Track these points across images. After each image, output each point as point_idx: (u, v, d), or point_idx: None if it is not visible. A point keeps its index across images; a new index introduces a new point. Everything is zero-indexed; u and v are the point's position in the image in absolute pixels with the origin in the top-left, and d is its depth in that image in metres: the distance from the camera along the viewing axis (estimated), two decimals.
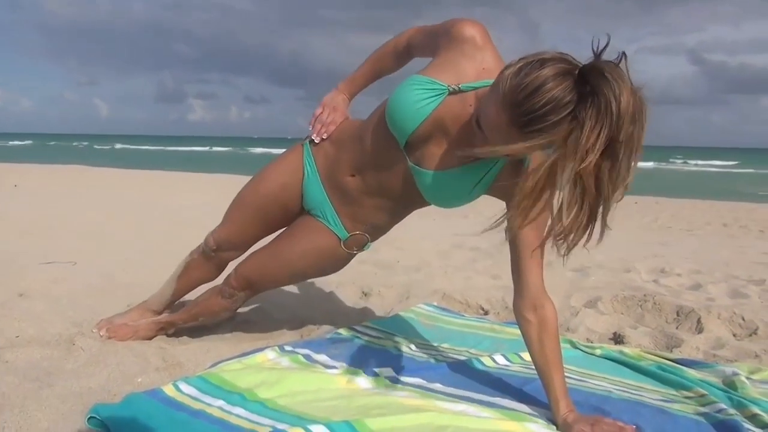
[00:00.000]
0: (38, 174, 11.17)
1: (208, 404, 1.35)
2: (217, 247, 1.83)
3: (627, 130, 1.09)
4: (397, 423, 1.28)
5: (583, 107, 1.10)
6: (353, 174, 1.59)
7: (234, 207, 1.81)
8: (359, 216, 1.64)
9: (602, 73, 1.09)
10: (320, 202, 1.67)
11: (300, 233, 1.71)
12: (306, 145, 1.71)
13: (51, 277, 2.53)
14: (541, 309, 1.44)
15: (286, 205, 1.74)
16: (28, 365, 1.58)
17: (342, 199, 1.64)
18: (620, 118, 1.08)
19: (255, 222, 1.78)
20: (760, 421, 1.43)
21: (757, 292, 2.97)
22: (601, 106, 1.08)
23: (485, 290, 2.78)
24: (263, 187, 1.75)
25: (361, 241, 1.70)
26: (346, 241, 1.68)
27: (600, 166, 1.12)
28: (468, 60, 1.39)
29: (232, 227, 1.81)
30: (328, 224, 1.66)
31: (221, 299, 1.82)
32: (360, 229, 1.67)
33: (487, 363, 1.75)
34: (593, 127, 1.08)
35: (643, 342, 2.17)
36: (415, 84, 1.40)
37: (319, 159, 1.68)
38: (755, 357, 2.00)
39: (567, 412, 1.37)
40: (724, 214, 9.09)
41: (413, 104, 1.39)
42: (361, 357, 1.76)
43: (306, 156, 1.70)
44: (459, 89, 1.38)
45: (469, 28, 1.41)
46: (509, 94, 1.14)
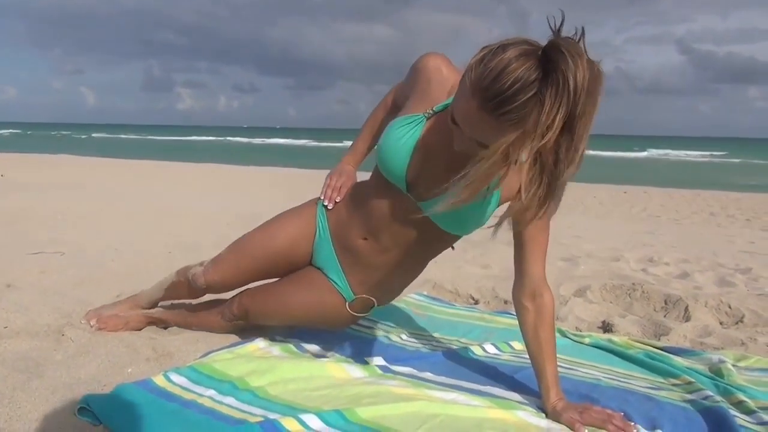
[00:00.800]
0: (25, 164, 11.06)
1: (199, 394, 1.35)
2: (207, 287, 1.78)
3: (583, 105, 1.10)
4: (388, 411, 1.29)
5: (544, 85, 1.10)
6: (365, 237, 1.57)
7: (235, 253, 1.74)
8: (369, 279, 1.61)
9: (559, 49, 1.09)
10: (330, 262, 1.64)
11: (307, 284, 1.67)
12: (320, 204, 1.69)
13: (39, 268, 2.51)
14: (539, 297, 1.45)
15: (292, 261, 1.70)
16: (17, 356, 1.57)
17: (352, 262, 1.61)
18: (577, 94, 1.08)
19: (254, 271, 1.73)
20: (746, 407, 1.45)
21: (743, 281, 3.00)
22: (559, 83, 1.08)
23: (475, 280, 2.79)
24: (273, 242, 1.69)
25: (367, 304, 1.66)
26: (352, 303, 1.64)
27: (559, 142, 1.13)
28: (436, 86, 1.43)
29: (228, 272, 1.74)
30: (335, 284, 1.64)
31: (221, 320, 1.80)
32: (368, 292, 1.63)
33: (478, 352, 1.76)
34: (552, 104, 1.09)
35: (631, 330, 2.19)
36: (395, 126, 1.45)
37: (332, 220, 1.66)
38: (741, 345, 2.03)
39: (557, 400, 1.38)
40: (711, 203, 9.17)
41: (396, 142, 1.43)
42: (352, 346, 1.77)
43: (319, 215, 1.68)
44: (433, 112, 1.42)
45: (432, 59, 1.45)
46: (476, 81, 1.14)
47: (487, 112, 1.14)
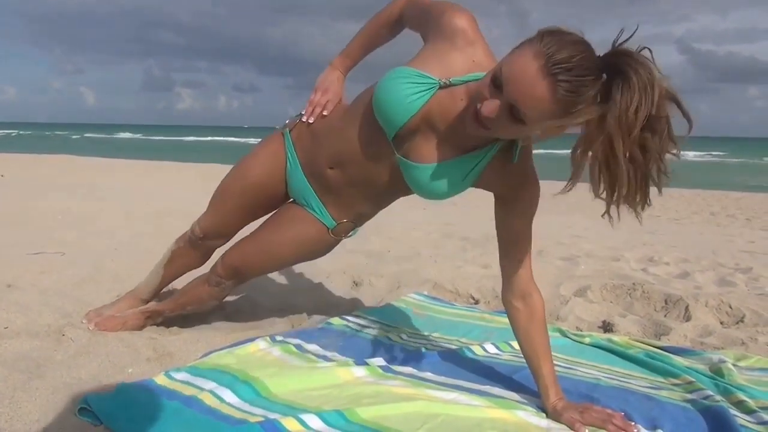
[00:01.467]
0: (25, 164, 11.06)
1: (200, 388, 1.35)
2: (204, 236, 1.82)
3: (665, 107, 1.15)
4: (388, 411, 1.29)
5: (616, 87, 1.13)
6: (332, 167, 1.57)
7: (218, 195, 1.79)
8: (344, 205, 1.63)
9: (635, 57, 1.13)
10: (304, 191, 1.66)
11: (286, 221, 1.70)
12: (286, 134, 1.69)
13: (39, 268, 2.51)
14: (529, 298, 1.45)
15: (270, 193, 1.72)
16: (18, 356, 1.57)
17: (325, 190, 1.62)
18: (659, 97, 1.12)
19: (239, 210, 1.76)
20: (746, 407, 1.45)
21: (744, 280, 3.00)
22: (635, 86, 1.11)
23: (475, 279, 2.79)
24: (247, 175, 1.73)
25: (347, 228, 1.70)
26: (334, 230, 1.67)
27: (643, 137, 1.15)
28: (458, 53, 1.36)
29: (216, 216, 1.79)
30: (315, 213, 1.65)
31: (208, 287, 1.81)
32: (346, 217, 1.66)
33: (478, 352, 1.76)
34: (629, 103, 1.12)
35: (631, 330, 2.19)
36: (404, 77, 1.36)
37: (299, 149, 1.66)
38: (742, 344, 2.03)
39: (556, 399, 1.38)
40: (711, 203, 9.17)
41: (403, 99, 1.36)
42: (352, 346, 1.77)
43: (287, 145, 1.68)
44: (449, 83, 1.35)
45: (460, 19, 1.36)
46: (547, 45, 1.13)
47: (545, 76, 1.12)
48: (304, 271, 2.77)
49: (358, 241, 1.74)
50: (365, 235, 3.71)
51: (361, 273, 2.82)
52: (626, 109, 1.12)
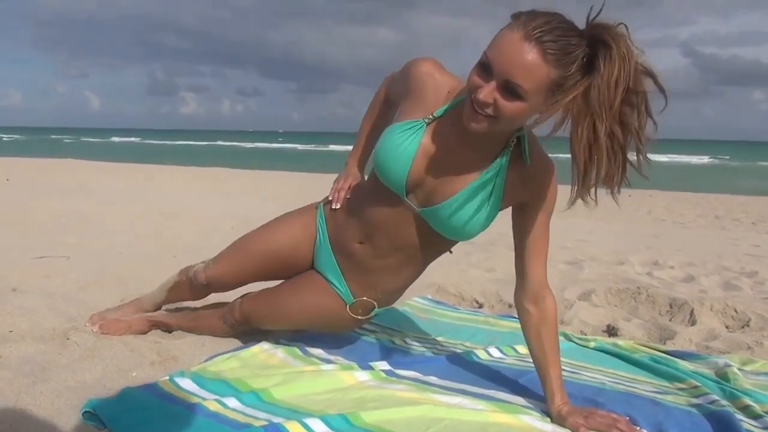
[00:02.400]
0: (30, 168, 11.11)
1: (203, 398, 1.35)
2: (207, 285, 1.78)
3: (641, 81, 1.18)
4: (393, 416, 1.29)
5: (600, 57, 1.16)
6: (361, 242, 1.56)
7: (236, 251, 1.75)
8: (368, 282, 1.60)
9: (614, 29, 1.16)
10: (329, 266, 1.64)
11: (306, 288, 1.67)
12: (320, 207, 1.69)
13: (44, 272, 2.52)
14: (542, 302, 1.45)
15: (293, 263, 1.70)
16: (22, 360, 1.57)
17: (350, 266, 1.60)
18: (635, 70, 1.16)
19: (255, 271, 1.73)
20: (752, 411, 1.44)
21: (749, 284, 2.99)
22: (615, 56, 1.14)
23: (480, 283, 2.79)
24: (274, 240, 1.69)
25: (367, 306, 1.64)
26: (352, 306, 1.63)
27: (622, 112, 1.18)
28: (431, 92, 1.41)
29: (229, 270, 1.75)
30: (335, 288, 1.63)
31: (223, 324, 1.81)
32: (368, 295, 1.62)
33: (482, 356, 1.75)
34: (611, 74, 1.15)
35: (636, 334, 2.18)
36: (393, 132, 1.41)
37: (330, 224, 1.65)
38: (747, 348, 2.02)
39: (561, 404, 1.38)
40: (716, 206, 9.15)
41: (396, 148, 1.39)
42: (356, 350, 1.76)
43: (319, 219, 1.67)
44: (433, 117, 1.39)
45: (423, 65, 1.44)
46: (524, 17, 1.17)
47: (529, 41, 1.14)
48: None
49: None
50: None
51: None
52: (608, 80, 1.15)
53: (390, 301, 1.71)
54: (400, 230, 1.50)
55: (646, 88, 1.19)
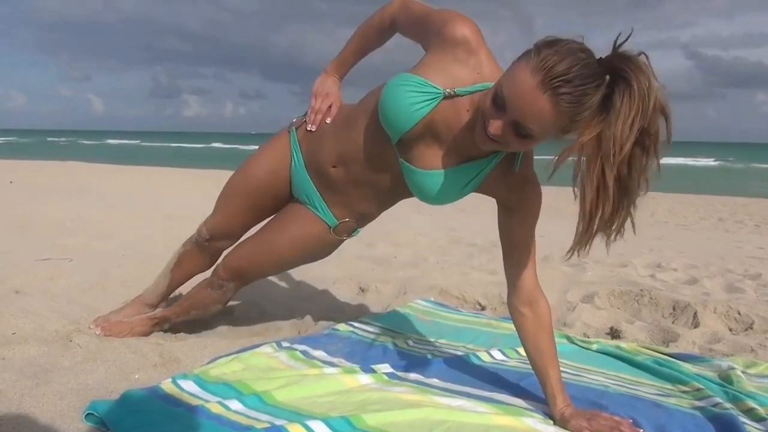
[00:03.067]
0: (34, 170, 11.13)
1: (205, 400, 1.35)
2: (210, 237, 1.82)
3: (656, 122, 1.13)
4: (395, 418, 1.29)
5: (618, 94, 1.12)
6: (335, 165, 1.57)
7: (223, 196, 1.80)
8: (346, 204, 1.63)
9: (636, 63, 1.12)
10: (307, 190, 1.66)
11: (288, 221, 1.70)
12: (292, 132, 1.69)
13: (47, 274, 2.52)
14: (535, 304, 1.45)
15: (275, 192, 1.73)
16: (25, 362, 1.57)
17: (328, 188, 1.62)
18: (653, 109, 1.11)
19: (245, 210, 1.77)
20: (756, 414, 1.43)
21: (752, 287, 2.98)
22: (635, 94, 1.10)
23: (482, 286, 2.79)
24: (251, 174, 1.73)
25: (350, 227, 1.68)
26: (336, 229, 1.66)
27: (633, 155, 1.14)
28: (461, 65, 1.34)
29: (222, 216, 1.80)
30: (317, 212, 1.65)
31: (211, 291, 1.81)
32: (349, 216, 1.65)
33: (484, 358, 1.75)
34: (628, 114, 1.11)
35: (639, 336, 2.17)
36: (409, 85, 1.35)
37: (304, 147, 1.66)
38: (751, 351, 2.01)
39: (564, 406, 1.38)
40: (719, 208, 9.13)
41: (408, 107, 1.35)
42: (358, 353, 1.76)
43: (293, 143, 1.68)
44: (454, 93, 1.34)
45: (462, 28, 1.33)
46: (542, 59, 1.12)
47: (545, 91, 1.12)
48: (310, 277, 2.77)
49: (364, 247, 1.74)
50: (372, 242, 3.71)
51: (367, 279, 2.82)
52: (624, 119, 1.11)
53: (367, 222, 1.73)
54: (379, 166, 1.51)
55: (659, 131, 1.15)
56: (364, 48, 1.67)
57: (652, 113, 1.12)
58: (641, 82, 1.11)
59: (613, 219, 1.19)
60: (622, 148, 1.12)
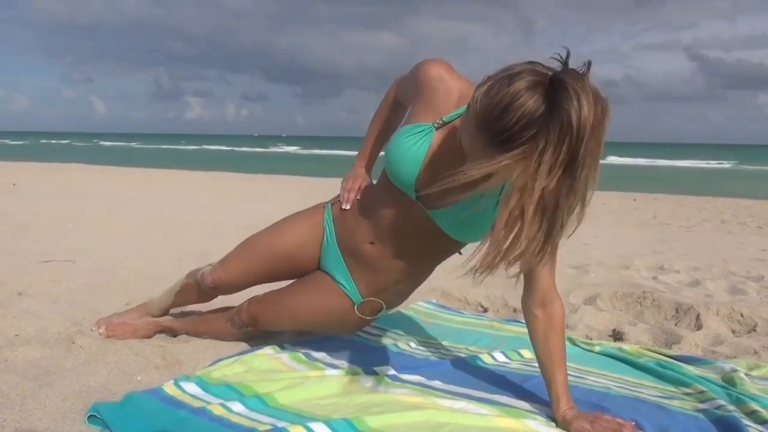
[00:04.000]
0: (37, 172, 11.16)
1: (208, 402, 1.35)
2: (214, 287, 1.79)
3: (585, 146, 1.07)
4: (397, 420, 1.29)
5: (548, 122, 1.07)
6: (373, 242, 1.57)
7: (242, 253, 1.76)
8: (377, 282, 1.61)
9: (564, 86, 1.06)
10: (337, 266, 1.64)
11: (315, 288, 1.68)
12: (328, 208, 1.69)
13: (50, 276, 2.53)
14: (549, 306, 1.44)
15: (300, 263, 1.71)
16: (28, 364, 1.58)
17: (359, 266, 1.60)
18: (580, 135, 1.06)
19: (262, 273, 1.74)
20: (759, 417, 1.43)
21: (755, 289, 2.97)
22: (563, 122, 1.06)
23: (484, 288, 2.78)
24: (281, 242, 1.70)
25: (375, 307, 1.65)
26: (360, 307, 1.63)
27: (560, 185, 1.10)
28: (442, 96, 1.42)
29: (235, 272, 1.76)
30: (342, 288, 1.63)
31: (230, 327, 1.81)
32: (376, 295, 1.63)
33: (487, 360, 1.75)
34: (556, 143, 1.07)
35: (642, 339, 2.17)
36: (403, 134, 1.43)
37: (338, 225, 1.66)
38: (754, 353, 2.00)
39: (567, 409, 1.37)
40: (722, 210, 9.12)
41: (406, 151, 1.41)
42: (360, 355, 1.76)
43: (327, 219, 1.68)
44: (443, 122, 1.40)
45: (433, 68, 1.43)
46: (481, 115, 1.12)
47: (494, 146, 1.13)
48: None
49: None
50: None
51: None
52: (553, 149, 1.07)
53: (396, 302, 1.71)
54: (411, 230, 1.51)
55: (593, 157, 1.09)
56: (382, 133, 1.73)
57: (579, 140, 1.06)
58: (569, 111, 1.05)
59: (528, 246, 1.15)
60: (549, 175, 1.08)
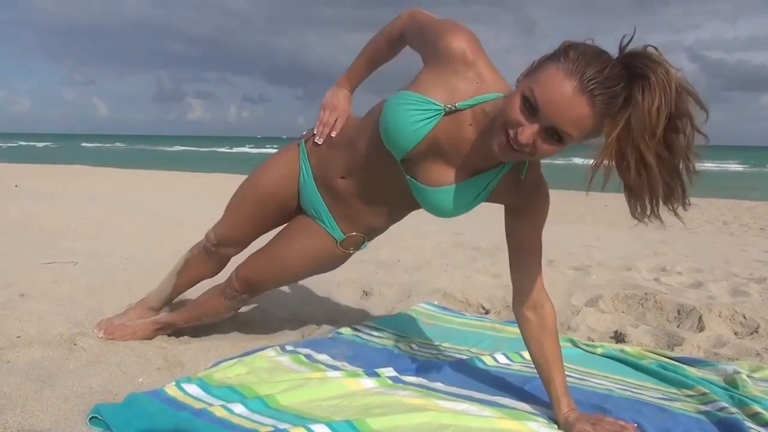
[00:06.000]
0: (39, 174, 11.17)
1: (209, 404, 1.35)
2: (218, 242, 1.83)
3: (683, 104, 1.17)
4: (399, 422, 1.28)
5: (638, 89, 1.15)
6: (343, 176, 1.58)
7: (232, 203, 1.81)
8: (354, 217, 1.63)
9: (648, 56, 1.16)
10: (315, 202, 1.66)
11: (296, 235, 1.71)
12: (302, 145, 1.70)
13: (52, 278, 2.53)
14: (540, 308, 1.45)
15: (283, 203, 1.74)
16: (30, 365, 1.58)
17: (335, 201, 1.63)
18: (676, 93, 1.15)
19: (253, 218, 1.77)
20: (762, 419, 1.43)
21: (758, 290, 2.96)
22: (655, 85, 1.14)
23: (486, 289, 2.78)
24: (260, 185, 1.74)
25: (357, 241, 1.69)
26: (343, 242, 1.67)
27: (667, 137, 1.17)
28: (460, 79, 1.33)
29: (230, 223, 1.81)
30: (324, 225, 1.66)
31: (224, 300, 1.82)
32: (356, 229, 1.66)
33: (488, 362, 1.75)
34: (651, 104, 1.14)
35: (644, 340, 2.16)
36: (409, 103, 1.34)
37: (313, 159, 1.67)
38: (756, 355, 2.00)
39: (568, 410, 1.37)
40: (724, 212, 9.10)
41: (409, 125, 1.34)
42: (362, 356, 1.76)
43: (302, 155, 1.69)
44: (455, 108, 1.32)
45: (457, 40, 1.32)
46: (573, 62, 1.14)
47: (583, 93, 1.14)
48: (314, 281, 2.77)
49: (368, 250, 1.75)
50: (376, 245, 3.69)
51: (371, 283, 2.82)
52: (648, 110, 1.14)
53: (376, 235, 1.74)
54: (384, 181, 1.52)
55: (689, 110, 1.18)
56: (375, 60, 1.66)
57: (676, 97, 1.15)
58: (658, 72, 1.14)
59: (670, 194, 1.23)
60: (654, 134, 1.16)
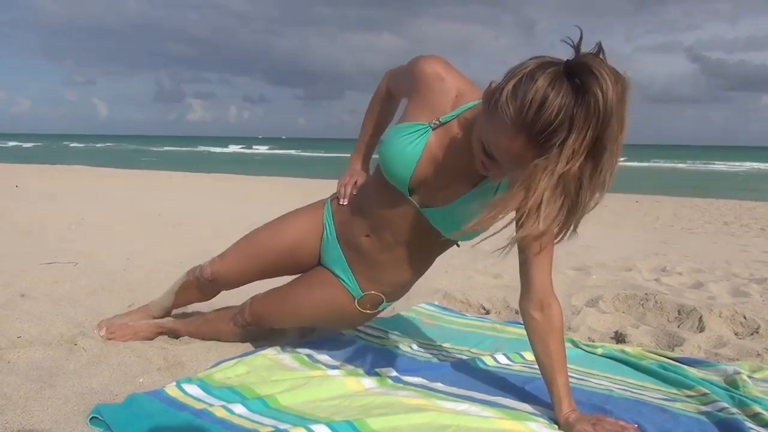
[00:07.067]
0: (39, 174, 11.18)
1: (210, 404, 1.35)
2: (213, 280, 1.80)
3: (611, 127, 1.07)
4: (399, 422, 1.28)
5: (577, 109, 1.07)
6: (368, 234, 1.58)
7: (242, 248, 1.77)
8: (375, 276, 1.62)
9: (589, 69, 1.06)
10: (337, 261, 1.65)
11: (317, 283, 1.69)
12: (327, 204, 1.71)
13: (52, 278, 2.53)
14: (548, 308, 1.44)
15: (300, 259, 1.72)
16: (30, 366, 1.58)
17: (358, 260, 1.62)
18: (606, 116, 1.05)
19: (261, 268, 1.76)
20: (762, 419, 1.42)
21: (758, 291, 2.96)
22: (590, 106, 1.05)
23: (486, 289, 2.78)
24: (281, 238, 1.72)
25: (375, 300, 1.65)
26: (360, 300, 1.64)
27: (583, 169, 1.10)
28: (438, 95, 1.40)
29: (234, 266, 1.77)
30: (343, 282, 1.64)
31: (233, 327, 1.82)
32: (375, 288, 1.63)
33: (489, 362, 1.75)
34: (581, 128, 1.06)
35: (644, 341, 2.16)
36: (398, 133, 1.43)
37: (337, 220, 1.67)
38: (757, 356, 2.00)
39: (569, 411, 1.37)
40: (725, 212, 9.11)
41: (402, 150, 1.41)
42: (362, 356, 1.76)
43: (326, 214, 1.69)
44: (440, 123, 1.40)
45: (429, 65, 1.41)
46: (517, 117, 1.10)
47: (534, 145, 1.11)
48: None
49: None
50: None
51: None
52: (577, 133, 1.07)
53: (397, 295, 1.72)
54: (404, 225, 1.52)
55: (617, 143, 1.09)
56: (377, 127, 1.73)
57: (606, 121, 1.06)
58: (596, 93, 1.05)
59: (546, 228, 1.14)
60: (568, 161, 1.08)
